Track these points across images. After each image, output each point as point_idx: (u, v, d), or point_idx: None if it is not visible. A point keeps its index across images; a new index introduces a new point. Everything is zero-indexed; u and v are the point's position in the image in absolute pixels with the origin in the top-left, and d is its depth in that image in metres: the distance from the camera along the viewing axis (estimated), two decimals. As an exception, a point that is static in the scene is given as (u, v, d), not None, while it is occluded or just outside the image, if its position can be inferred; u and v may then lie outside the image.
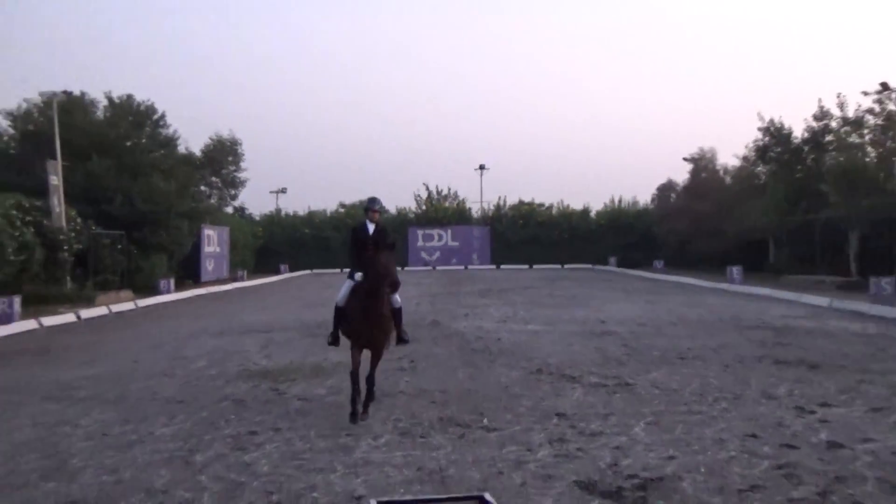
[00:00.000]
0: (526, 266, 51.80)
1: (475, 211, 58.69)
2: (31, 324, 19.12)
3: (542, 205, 57.48)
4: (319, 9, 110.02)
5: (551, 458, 6.79)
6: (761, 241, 40.48)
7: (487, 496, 4.19)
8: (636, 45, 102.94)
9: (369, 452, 7.05)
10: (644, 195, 55.91)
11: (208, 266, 39.80)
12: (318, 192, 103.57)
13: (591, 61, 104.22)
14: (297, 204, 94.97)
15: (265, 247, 52.28)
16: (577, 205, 57.15)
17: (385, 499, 4.14)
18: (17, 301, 20.06)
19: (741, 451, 6.92)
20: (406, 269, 50.15)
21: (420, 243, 55.04)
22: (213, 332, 17.39)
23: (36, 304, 23.06)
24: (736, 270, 32.76)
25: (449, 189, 59.30)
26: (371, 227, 9.18)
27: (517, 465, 6.52)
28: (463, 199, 59.12)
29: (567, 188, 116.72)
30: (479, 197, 59.76)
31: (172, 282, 31.60)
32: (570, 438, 7.42)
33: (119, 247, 31.59)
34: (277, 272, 48.11)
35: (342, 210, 57.91)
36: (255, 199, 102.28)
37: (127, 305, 25.01)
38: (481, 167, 60.69)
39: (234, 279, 40.74)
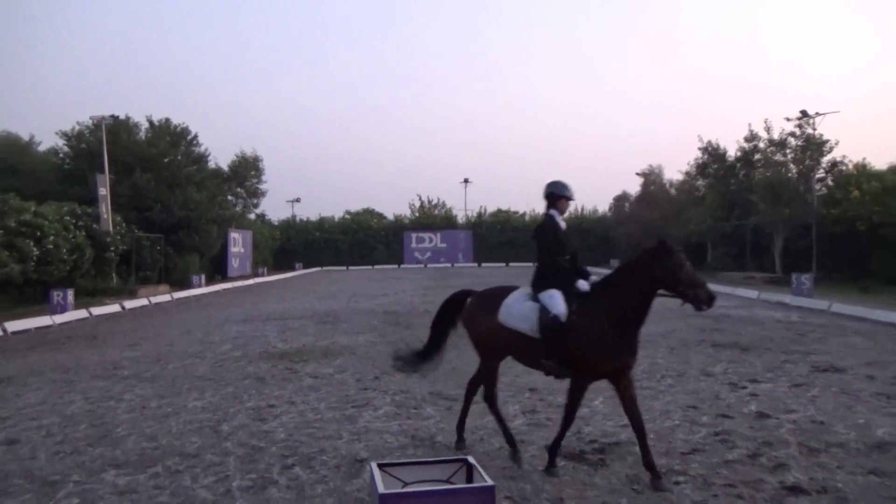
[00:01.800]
0: (503, 264, 51.82)
1: (461, 218, 58.80)
2: (82, 313, 18.97)
3: (517, 212, 57.65)
4: (332, 44, 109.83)
5: (525, 426, 6.79)
6: (701, 243, 40.72)
7: (471, 458, 4.16)
8: (597, 77, 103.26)
9: (371, 422, 7.02)
10: (602, 204, 56.30)
11: (234, 264, 39.62)
12: (327, 201, 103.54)
13: (556, 90, 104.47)
14: (309, 211, 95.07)
15: (283, 248, 52.23)
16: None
17: (384, 461, 4.10)
18: (70, 293, 19.98)
19: (684, 420, 6.93)
20: (402, 266, 50.19)
21: (414, 245, 55.02)
22: (237, 319, 17.30)
23: (86, 296, 22.99)
24: (679, 268, 32.90)
25: (438, 199, 59.65)
26: (563, 222, 6.07)
27: (496, 433, 6.48)
28: (450, 208, 59.37)
29: (539, 198, 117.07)
30: (464, 206, 59.94)
31: (203, 277, 31.42)
32: (541, 409, 7.41)
33: (158, 247, 31.52)
34: (293, 269, 48.06)
35: (348, 216, 58.02)
36: (274, 207, 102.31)
37: (164, 297, 24.84)
38: (466, 181, 60.75)
39: (256, 275, 40.56)
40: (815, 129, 32.66)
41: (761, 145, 36.10)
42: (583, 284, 5.54)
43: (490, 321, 5.75)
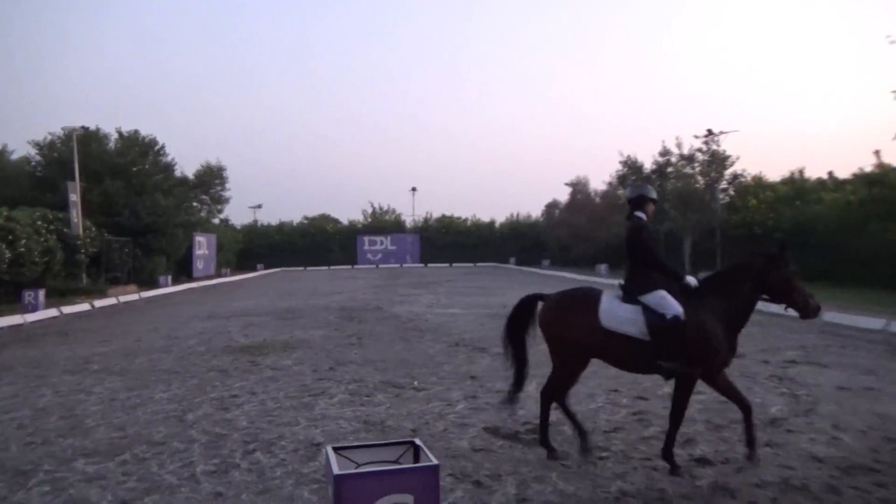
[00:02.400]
0: (447, 265, 51.91)
1: (409, 223, 58.66)
2: (52, 312, 18.20)
3: (459, 218, 57.83)
4: (290, 62, 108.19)
5: (466, 410, 6.81)
6: (621, 245, 41.53)
7: (417, 440, 4.14)
8: (530, 97, 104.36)
9: (326, 409, 6.93)
10: (536, 211, 57.00)
11: (199, 265, 38.60)
12: (287, 207, 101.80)
13: (495, 107, 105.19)
14: (270, 216, 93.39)
15: (245, 250, 51.14)
16: (486, 218, 57.86)
17: (338, 444, 4.05)
18: (41, 293, 19.16)
19: (607, 402, 7.06)
20: (355, 267, 49.77)
21: (366, 247, 54.59)
22: (202, 317, 16.87)
23: (57, 297, 22.06)
24: (603, 267, 33.57)
25: (388, 206, 59.50)
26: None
27: (440, 416, 6.50)
28: (399, 214, 59.22)
29: (479, 205, 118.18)
30: (412, 212, 59.73)
31: (170, 278, 30.56)
32: (481, 395, 7.44)
33: (126, 250, 30.49)
34: (255, 270, 47.16)
35: (306, 221, 57.29)
36: (238, 213, 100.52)
37: (132, 297, 24.04)
38: (413, 189, 60.63)
39: (220, 275, 39.65)
40: (718, 146, 33.83)
41: (673, 159, 37.14)
42: (692, 280, 5.09)
43: (589, 325, 5.06)
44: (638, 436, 5.78)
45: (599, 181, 64.33)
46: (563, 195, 49.99)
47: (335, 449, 3.76)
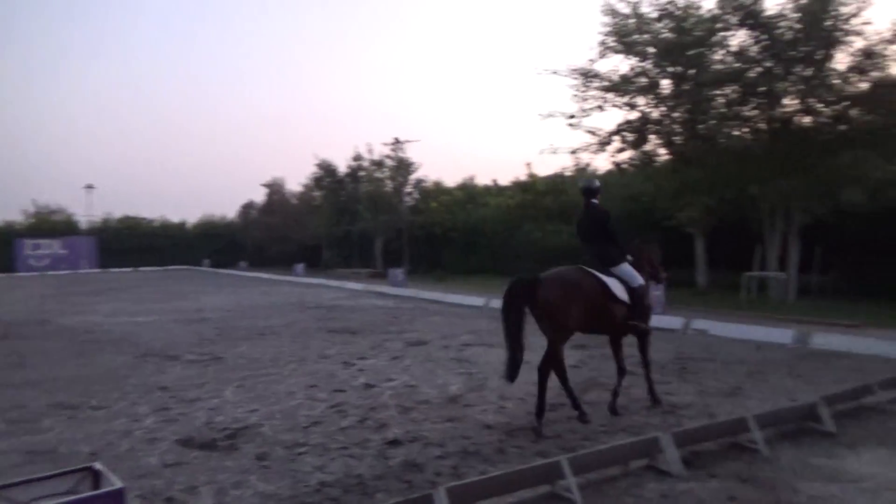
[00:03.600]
0: (132, 269, 46.89)
1: (84, 224, 51.50)
2: None
3: (145, 218, 52.76)
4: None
5: (156, 423, 6.22)
6: (317, 245, 42.12)
7: (97, 465, 3.67)
8: (214, 94, 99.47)
9: (-25, 444, 5.73)
10: (231, 211, 54.71)
11: None
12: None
13: (185, 105, 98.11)
14: None
15: None
16: (176, 218, 53.75)
17: (-8, 484, 3.38)
18: None
19: (306, 398, 7.08)
20: (15, 275, 42.13)
21: (29, 252, 46.52)
22: None
23: None
24: (300, 267, 33.60)
25: (57, 204, 51.53)
26: None
27: (125, 434, 5.85)
28: (72, 214, 51.62)
29: (168, 205, 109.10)
30: (87, 212, 52.44)
31: None
32: (172, 406, 6.87)
33: None
34: None
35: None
36: None
37: None
38: (89, 186, 53.43)
39: None
40: (404, 153, 36.38)
41: (365, 164, 38.90)
42: (629, 259, 6.20)
43: (600, 295, 5.84)
44: (336, 427, 5.91)
45: (295, 183, 64.27)
46: (260, 196, 49.00)
47: (-10, 489, 3.14)
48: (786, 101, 15.56)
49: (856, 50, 14.76)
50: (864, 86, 14.85)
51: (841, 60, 15.03)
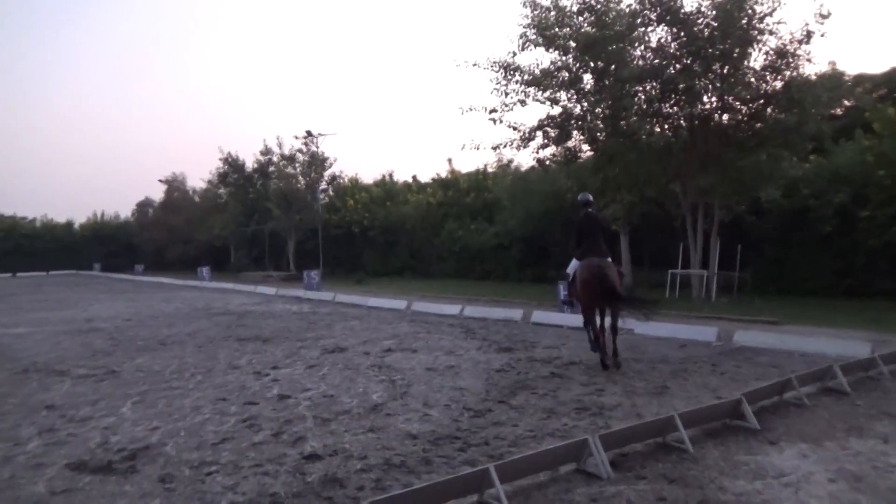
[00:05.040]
0: (9, 274, 43.99)
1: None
2: None
3: (25, 218, 49.62)
4: None
5: (42, 447, 5.82)
6: (225, 246, 40.90)
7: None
8: (112, 85, 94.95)
9: None
10: (125, 210, 52.36)
11: None
12: None
13: (69, 95, 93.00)
14: None
15: None
16: (61, 218, 50.86)
17: None
18: None
19: (214, 412, 6.83)
20: None
21: None
22: None
23: None
24: (205, 270, 32.46)
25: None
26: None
27: (6, 461, 5.45)
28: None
29: (51, 204, 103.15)
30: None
31: None
32: (61, 427, 6.46)
33: None
34: None
35: None
36: None
37: None
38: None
39: None
40: (318, 147, 35.79)
41: (275, 159, 38.06)
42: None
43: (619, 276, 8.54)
44: (248, 443, 5.73)
45: (199, 179, 62.23)
46: (158, 193, 47.22)
47: None
48: (704, 98, 16.35)
49: (770, 49, 15.68)
50: (779, 85, 15.79)
51: (756, 59, 15.95)
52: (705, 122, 16.57)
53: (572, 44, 17.04)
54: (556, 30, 17.09)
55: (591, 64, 17.21)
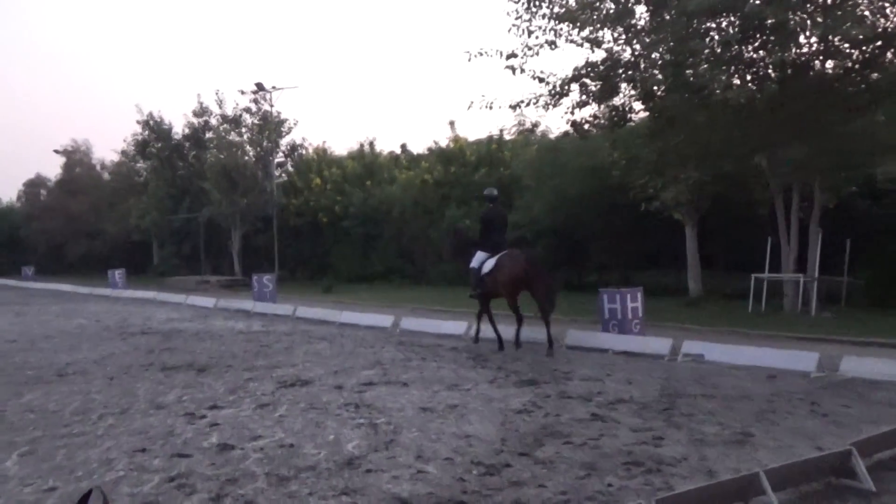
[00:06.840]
0: None
1: None
2: None
3: None
4: None
5: None
6: (145, 241, 40.91)
7: None
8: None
9: None
10: (9, 193, 52.42)
11: None
12: None
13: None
14: None
15: None
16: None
17: None
18: None
19: (130, 468, 6.83)
20: None
21: None
22: None
23: None
24: (118, 274, 32.49)
25: None
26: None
27: None
28: None
29: None
30: None
31: None
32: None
33: None
34: None
35: None
36: None
37: None
38: None
39: None
40: (272, 106, 35.69)
41: (213, 122, 37.90)
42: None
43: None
44: (178, 510, 5.74)
45: (108, 149, 62.25)
46: (54, 169, 47.33)
47: None
48: (801, 38, 16.31)
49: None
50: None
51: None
52: (802, 72, 16.55)
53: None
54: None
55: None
